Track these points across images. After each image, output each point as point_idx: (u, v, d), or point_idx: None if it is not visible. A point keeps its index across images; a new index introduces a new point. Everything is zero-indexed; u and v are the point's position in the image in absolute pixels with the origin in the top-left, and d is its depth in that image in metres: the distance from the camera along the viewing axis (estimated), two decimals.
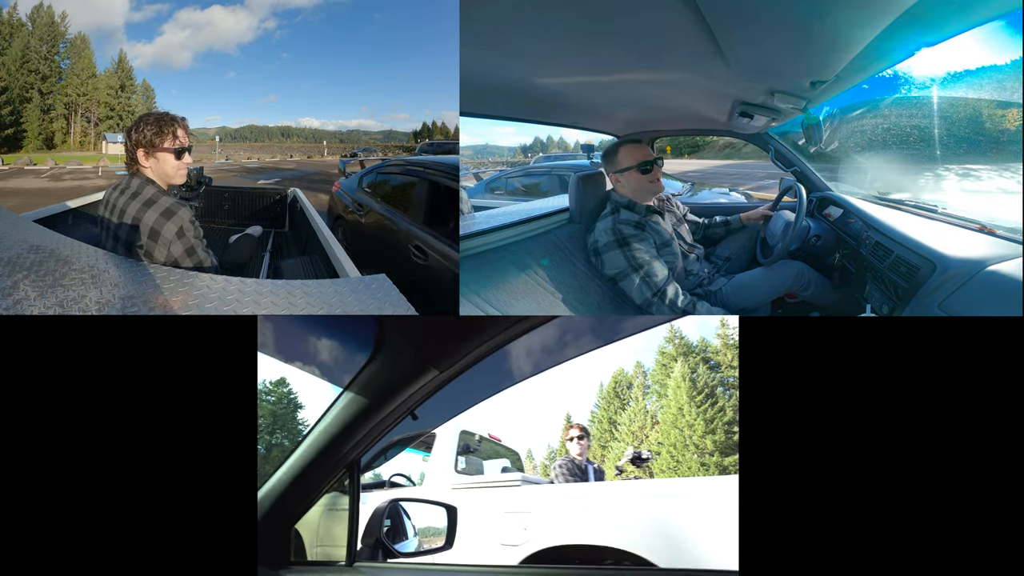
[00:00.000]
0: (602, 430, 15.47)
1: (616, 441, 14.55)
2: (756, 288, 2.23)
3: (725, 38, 1.70)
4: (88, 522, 1.52)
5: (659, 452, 12.27)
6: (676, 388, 12.25)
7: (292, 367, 1.35)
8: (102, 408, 1.54)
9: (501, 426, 3.23)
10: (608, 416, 15.53)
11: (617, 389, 15.76)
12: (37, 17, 20.02)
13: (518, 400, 15.88)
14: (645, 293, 2.16)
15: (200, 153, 21.69)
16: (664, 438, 12.29)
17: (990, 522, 1.50)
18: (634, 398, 15.01)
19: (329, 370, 1.21)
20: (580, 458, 3.14)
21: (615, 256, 2.22)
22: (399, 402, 1.12)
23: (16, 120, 19.44)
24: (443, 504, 1.61)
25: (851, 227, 2.39)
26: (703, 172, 8.68)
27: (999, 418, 1.54)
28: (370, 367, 1.12)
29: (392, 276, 1.71)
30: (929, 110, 2.32)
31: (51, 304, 1.37)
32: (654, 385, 14.50)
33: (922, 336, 1.59)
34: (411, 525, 1.50)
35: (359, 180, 3.98)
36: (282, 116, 20.91)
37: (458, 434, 3.08)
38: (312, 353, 1.21)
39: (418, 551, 1.47)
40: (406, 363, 1.10)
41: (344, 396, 1.15)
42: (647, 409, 14.45)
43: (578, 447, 3.15)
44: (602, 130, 3.18)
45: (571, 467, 3.09)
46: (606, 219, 2.30)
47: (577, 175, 2.70)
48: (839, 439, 1.56)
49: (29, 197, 11.86)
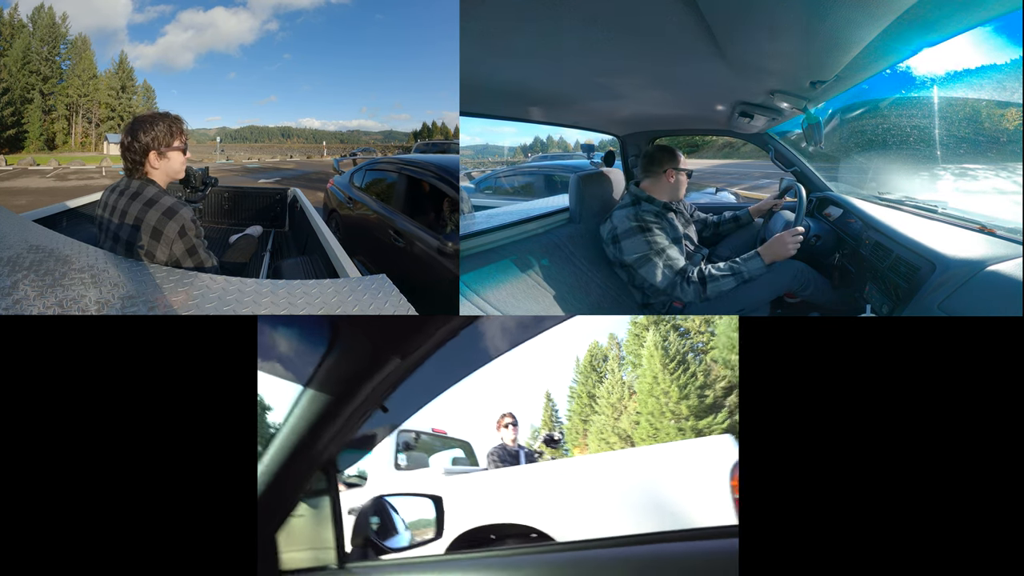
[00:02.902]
0: (582, 405, 15.62)
1: (596, 414, 14.66)
2: (756, 287, 2.23)
3: (725, 38, 1.70)
4: (87, 522, 1.52)
5: (638, 421, 12.47)
6: (650, 357, 12.39)
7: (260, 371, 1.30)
8: (102, 408, 1.54)
9: (475, 412, 3.46)
10: (587, 390, 15.68)
11: (593, 363, 15.90)
12: (38, 18, 20.03)
13: (495, 381, 15.89)
14: (668, 275, 2.22)
15: (201, 153, 21.71)
16: (642, 407, 12.44)
17: (990, 522, 1.50)
18: (610, 370, 15.11)
19: (290, 366, 1.15)
20: (512, 444, 3.34)
21: (637, 242, 2.26)
22: (364, 395, 1.07)
23: (18, 121, 19.45)
24: (428, 496, 1.57)
25: (851, 227, 2.39)
26: (698, 172, 8.68)
27: (999, 418, 1.54)
28: (328, 360, 1.06)
29: (380, 262, 1.74)
30: (929, 110, 2.32)
31: (51, 304, 1.37)
32: (629, 356, 14.54)
33: (922, 336, 1.59)
34: (400, 520, 1.46)
35: (350, 177, 4.35)
36: (283, 116, 20.92)
37: (395, 432, 3.16)
38: (269, 350, 1.16)
39: (411, 544, 1.44)
40: (365, 352, 1.05)
41: (306, 394, 1.10)
42: (623, 380, 14.53)
43: (511, 433, 3.36)
44: (602, 130, 3.18)
45: (502, 453, 3.29)
46: (626, 208, 2.34)
47: (577, 175, 2.71)
48: (839, 439, 1.56)
49: (37, 196, 11.91)
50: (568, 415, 16.32)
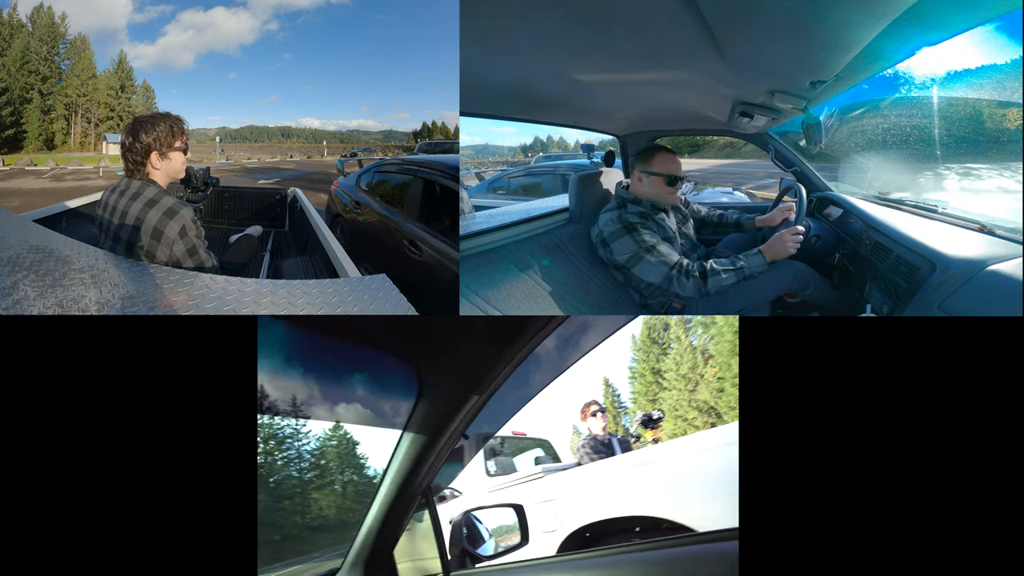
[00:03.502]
0: (646, 384, 13.42)
1: (665, 391, 12.41)
2: (756, 287, 2.23)
3: (725, 38, 1.70)
4: (88, 522, 1.52)
5: (721, 388, 10.85)
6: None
7: (344, 424, 1.47)
8: (102, 408, 1.54)
9: (531, 418, 3.41)
10: (649, 367, 13.29)
11: (652, 335, 13.54)
12: (37, 18, 20.01)
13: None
14: (663, 269, 2.18)
15: (201, 153, 21.70)
16: (724, 371, 10.71)
17: (990, 522, 1.50)
18: (675, 338, 12.92)
19: (380, 416, 1.33)
20: (603, 433, 3.19)
21: (625, 242, 2.25)
22: (452, 430, 1.28)
23: (17, 121, 19.44)
24: (510, 504, 1.77)
25: (851, 227, 2.39)
26: (705, 171, 8.67)
27: (999, 418, 1.54)
28: (419, 408, 1.25)
29: (389, 271, 1.73)
30: (929, 110, 2.32)
31: (51, 304, 1.37)
32: (696, 317, 12.38)
33: (922, 336, 1.59)
34: (485, 529, 1.63)
35: (357, 179, 4.05)
36: (283, 116, 20.90)
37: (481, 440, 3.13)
38: (358, 407, 1.33)
39: (497, 552, 1.60)
40: (449, 397, 1.24)
41: (405, 437, 1.30)
42: (693, 345, 12.42)
43: (599, 421, 3.21)
44: (602, 130, 3.18)
45: (595, 444, 3.15)
46: (612, 211, 2.33)
47: (577, 175, 2.70)
48: (839, 439, 1.56)
49: (31, 197, 11.86)
50: (632, 397, 14.12)
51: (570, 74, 2.15)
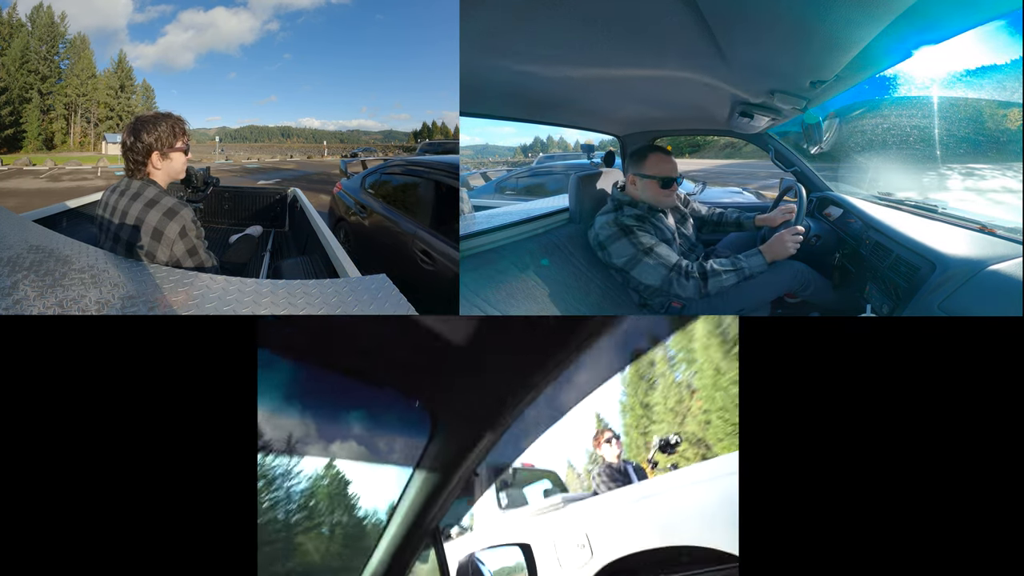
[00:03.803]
0: (636, 417, 14.72)
1: (655, 424, 13.62)
2: (756, 287, 2.23)
3: (725, 38, 1.70)
4: (88, 521, 1.52)
5: (708, 420, 11.69)
6: (704, 347, 11.48)
7: (339, 460, 1.42)
8: (102, 408, 1.54)
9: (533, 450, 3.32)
10: (638, 401, 14.66)
11: (640, 371, 14.98)
12: (37, 17, 19.98)
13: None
14: (662, 271, 2.15)
15: (201, 153, 21.65)
16: (708, 404, 11.52)
17: (990, 522, 1.50)
18: (660, 374, 14.12)
19: (377, 453, 1.31)
20: (617, 461, 3.12)
21: (622, 245, 2.23)
22: (464, 468, 1.28)
23: (16, 120, 19.42)
24: (516, 544, 1.72)
25: (851, 227, 2.39)
26: (707, 171, 8.66)
27: (999, 418, 1.54)
28: (432, 447, 1.24)
29: (397, 280, 1.70)
30: (929, 110, 2.32)
31: (51, 304, 1.37)
32: (679, 353, 13.45)
33: (922, 336, 1.59)
34: (488, 571, 1.63)
35: (362, 181, 3.94)
36: (283, 116, 20.87)
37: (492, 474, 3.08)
38: (358, 444, 1.30)
39: None
40: (463, 436, 1.23)
41: (416, 476, 1.28)
42: (677, 381, 13.64)
43: (614, 448, 3.13)
44: (602, 130, 3.18)
45: (611, 472, 3.06)
46: (607, 214, 2.31)
47: (577, 175, 2.70)
48: (839, 439, 1.56)
49: (28, 198, 11.81)
50: (624, 430, 15.17)
51: (570, 74, 2.15)
